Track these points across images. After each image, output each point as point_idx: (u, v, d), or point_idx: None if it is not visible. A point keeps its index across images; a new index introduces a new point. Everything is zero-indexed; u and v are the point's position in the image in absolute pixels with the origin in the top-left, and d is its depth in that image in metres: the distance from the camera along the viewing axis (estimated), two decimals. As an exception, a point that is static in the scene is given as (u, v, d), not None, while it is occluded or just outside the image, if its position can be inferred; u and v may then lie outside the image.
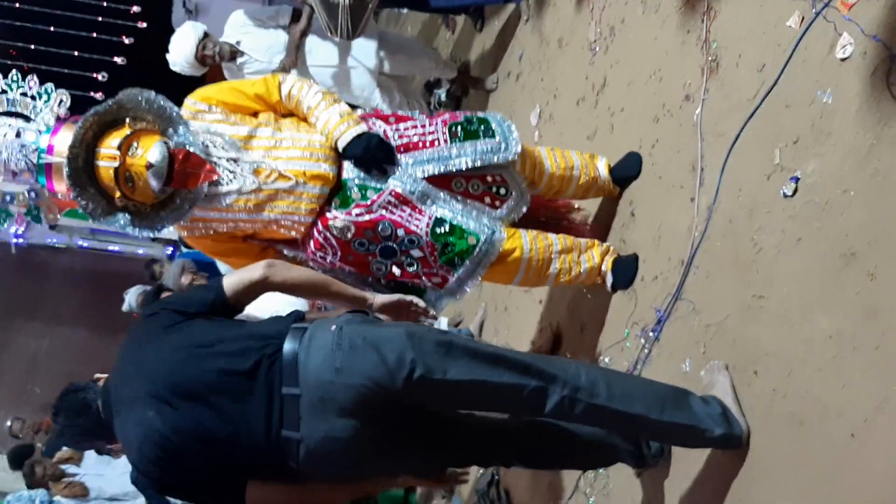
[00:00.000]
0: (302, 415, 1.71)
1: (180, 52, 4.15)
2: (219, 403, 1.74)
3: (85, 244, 9.90)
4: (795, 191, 1.87)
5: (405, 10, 6.32)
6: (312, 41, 4.37)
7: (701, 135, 2.31)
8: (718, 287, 2.15)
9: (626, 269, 2.55)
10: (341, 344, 1.73)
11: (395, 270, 2.33)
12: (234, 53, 4.26)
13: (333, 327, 1.76)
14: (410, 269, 2.33)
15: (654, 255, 2.49)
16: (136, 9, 6.25)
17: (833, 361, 1.69)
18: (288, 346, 1.75)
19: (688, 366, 2.22)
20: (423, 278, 2.34)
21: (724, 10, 2.30)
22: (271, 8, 4.72)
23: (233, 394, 1.74)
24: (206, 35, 4.19)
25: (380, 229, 2.28)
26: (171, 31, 4.32)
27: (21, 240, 9.23)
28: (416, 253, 2.31)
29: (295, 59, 4.44)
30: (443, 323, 4.27)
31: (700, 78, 2.35)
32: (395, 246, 2.30)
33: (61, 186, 2.19)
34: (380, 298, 2.02)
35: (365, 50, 4.46)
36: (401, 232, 2.28)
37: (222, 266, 5.34)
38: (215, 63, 4.23)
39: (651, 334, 2.41)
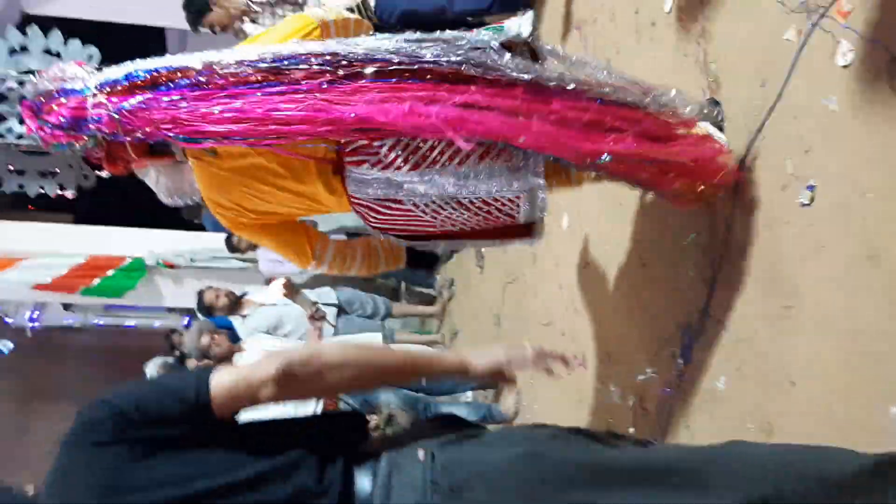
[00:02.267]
0: None
1: None
2: None
3: (101, 322, 9.95)
4: (812, 199, 1.89)
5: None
6: None
7: (711, 152, 2.33)
8: (745, 302, 2.16)
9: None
10: (438, 483, 1.19)
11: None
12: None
13: (421, 453, 1.23)
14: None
15: (678, 275, 2.49)
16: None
17: (868, 359, 1.69)
18: (360, 486, 1.21)
19: (722, 383, 2.22)
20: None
21: (718, 30, 2.35)
22: None
23: None
24: None
25: None
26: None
27: (36, 323, 9.30)
28: None
29: None
30: None
31: (702, 99, 2.38)
32: None
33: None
34: (483, 364, 1.41)
35: None
36: None
37: (240, 328, 5.36)
38: None
39: (679, 361, 2.40)
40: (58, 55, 5.41)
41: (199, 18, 3.90)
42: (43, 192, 5.71)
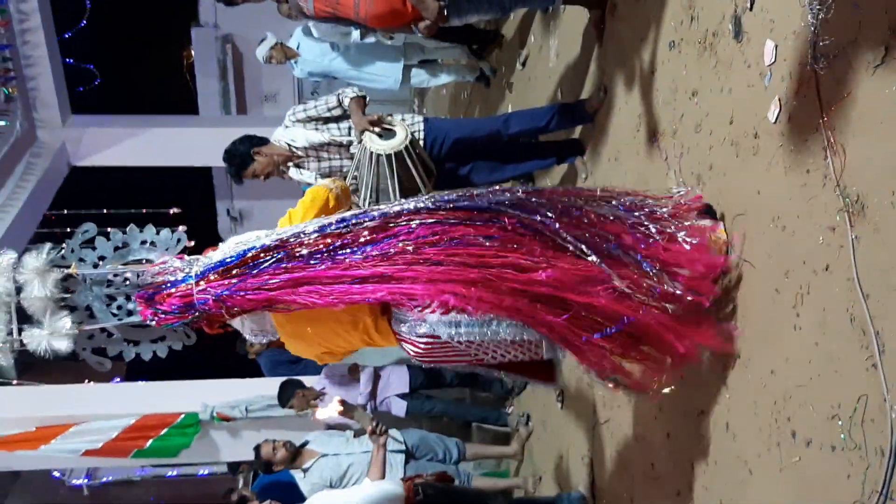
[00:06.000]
0: None
1: None
2: None
3: (174, 473, 9.54)
4: None
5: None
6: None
7: (862, 291, 1.90)
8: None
9: None
10: None
11: None
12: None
13: None
14: None
15: (835, 442, 2.02)
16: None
17: None
18: None
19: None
20: None
21: (853, 141, 1.95)
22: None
23: None
24: None
25: None
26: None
27: (87, 480, 9.02)
28: None
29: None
30: None
31: (842, 224, 1.98)
32: None
33: None
34: None
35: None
36: None
37: (302, 483, 4.94)
38: None
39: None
40: (153, 244, 6.17)
41: (242, 171, 3.72)
42: (156, 355, 6.37)
